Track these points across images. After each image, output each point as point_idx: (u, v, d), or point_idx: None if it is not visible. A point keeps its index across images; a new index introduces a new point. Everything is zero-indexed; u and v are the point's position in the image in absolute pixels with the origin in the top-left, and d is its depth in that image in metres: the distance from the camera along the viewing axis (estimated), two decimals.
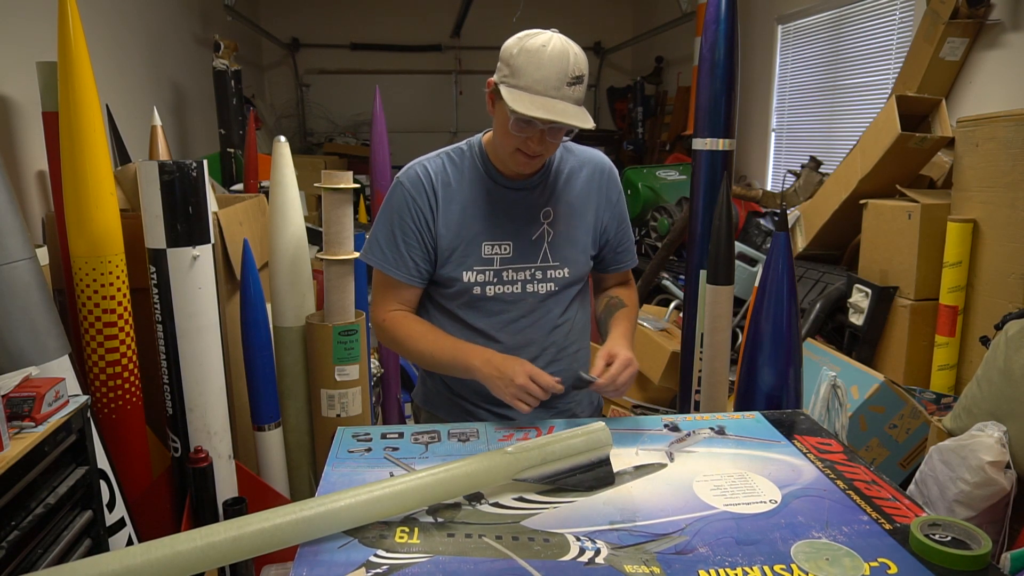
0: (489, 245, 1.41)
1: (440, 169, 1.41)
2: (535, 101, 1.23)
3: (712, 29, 2.08)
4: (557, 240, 1.44)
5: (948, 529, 0.96)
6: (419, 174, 1.40)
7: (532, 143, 1.29)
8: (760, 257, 3.38)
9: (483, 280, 1.41)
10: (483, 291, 1.42)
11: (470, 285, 1.41)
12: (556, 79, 1.23)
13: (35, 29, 2.47)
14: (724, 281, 1.91)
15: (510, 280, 1.42)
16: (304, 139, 7.27)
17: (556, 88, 1.23)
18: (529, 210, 1.42)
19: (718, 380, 1.94)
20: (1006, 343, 1.69)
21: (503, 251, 1.41)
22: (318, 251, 1.98)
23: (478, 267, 1.41)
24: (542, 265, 1.44)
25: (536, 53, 1.23)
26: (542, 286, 1.44)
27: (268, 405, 1.99)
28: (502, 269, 1.42)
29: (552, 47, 1.23)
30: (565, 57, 1.23)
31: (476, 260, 1.40)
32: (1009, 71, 2.79)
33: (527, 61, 1.23)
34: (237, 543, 0.94)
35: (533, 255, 1.43)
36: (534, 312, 1.45)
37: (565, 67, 1.23)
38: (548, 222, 1.43)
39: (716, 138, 2.13)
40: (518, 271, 1.43)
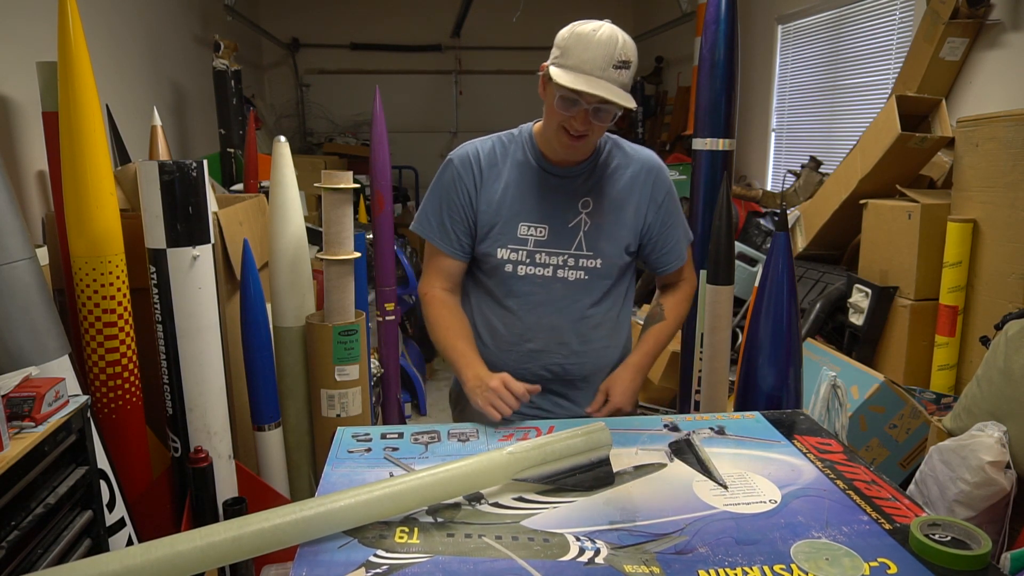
0: (526, 226, 1.47)
1: (489, 150, 1.50)
2: (579, 78, 1.29)
3: (712, 29, 2.08)
4: (593, 231, 1.48)
5: (948, 529, 0.96)
6: (468, 153, 1.50)
7: (576, 122, 1.34)
8: (760, 257, 3.38)
9: (516, 259, 1.48)
10: (515, 270, 1.48)
11: (503, 262, 1.48)
12: (603, 60, 1.29)
13: (35, 29, 2.47)
14: (724, 281, 1.91)
15: (542, 263, 1.48)
16: (304, 139, 7.26)
17: (602, 69, 1.29)
18: (569, 197, 1.47)
19: (718, 380, 1.94)
20: (1006, 343, 1.69)
21: (539, 233, 1.47)
22: (318, 251, 1.98)
23: (513, 246, 1.47)
24: (576, 253, 1.48)
25: (586, 36, 1.30)
26: (573, 273, 1.48)
27: (268, 405, 1.99)
28: (536, 251, 1.47)
29: (602, 32, 1.30)
30: (613, 41, 1.29)
31: (511, 239, 1.47)
32: (1009, 71, 2.79)
33: (576, 42, 1.31)
34: (237, 543, 0.94)
35: (567, 242, 1.47)
36: (563, 299, 1.49)
37: (612, 50, 1.29)
38: (586, 212, 1.48)
39: (716, 138, 2.13)
40: (551, 255, 1.48)
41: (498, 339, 1.53)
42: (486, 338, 1.55)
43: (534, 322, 1.50)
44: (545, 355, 1.51)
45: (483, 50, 7.14)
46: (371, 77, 6.66)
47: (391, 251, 2.83)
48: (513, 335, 1.52)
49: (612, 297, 1.54)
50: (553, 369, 1.52)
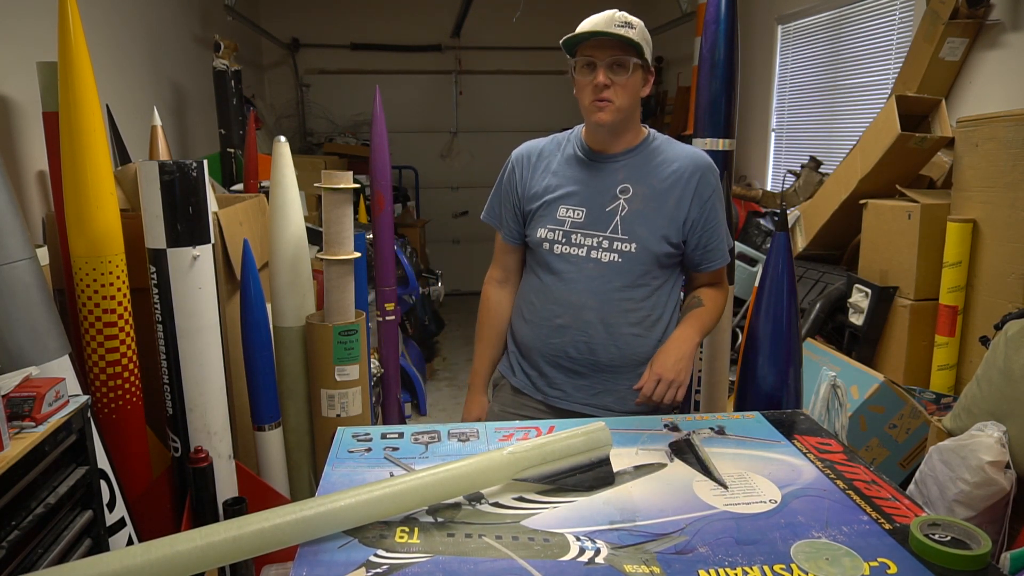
0: (565, 208, 1.57)
1: (544, 146, 1.66)
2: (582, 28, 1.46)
3: (712, 29, 2.07)
4: (631, 216, 1.53)
5: (948, 529, 0.96)
6: (524, 150, 1.67)
7: (599, 77, 1.46)
8: (760, 257, 3.38)
9: (552, 238, 1.57)
10: (551, 248, 1.57)
11: (541, 240, 1.58)
12: (605, 21, 1.45)
13: (35, 29, 2.47)
14: None
15: (577, 243, 1.56)
16: (304, 139, 7.26)
17: (605, 25, 1.44)
18: (608, 183, 1.56)
19: (718, 380, 1.94)
20: (1006, 343, 1.69)
21: (576, 216, 1.56)
22: (318, 251, 1.98)
23: (551, 225, 1.58)
24: (611, 235, 1.54)
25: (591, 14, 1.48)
26: (607, 255, 1.54)
27: (268, 405, 1.99)
28: (572, 232, 1.56)
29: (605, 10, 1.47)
30: (613, 12, 1.46)
31: (551, 220, 1.58)
32: (1009, 71, 2.79)
33: (583, 20, 1.49)
34: (237, 543, 0.94)
35: (604, 224, 1.54)
36: (595, 279, 1.54)
37: (613, 14, 1.45)
38: (625, 197, 1.55)
39: (716, 138, 2.13)
40: (587, 236, 1.55)
41: (533, 313, 1.62)
42: (525, 312, 1.65)
43: (563, 298, 1.56)
44: (571, 331, 1.56)
45: (483, 50, 7.13)
46: (371, 77, 6.65)
47: (391, 251, 2.82)
48: (545, 309, 1.59)
49: (648, 287, 1.56)
50: (578, 346, 1.56)
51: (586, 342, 1.55)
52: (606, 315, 1.54)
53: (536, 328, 1.61)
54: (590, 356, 1.56)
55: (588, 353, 1.56)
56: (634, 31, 1.45)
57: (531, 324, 1.63)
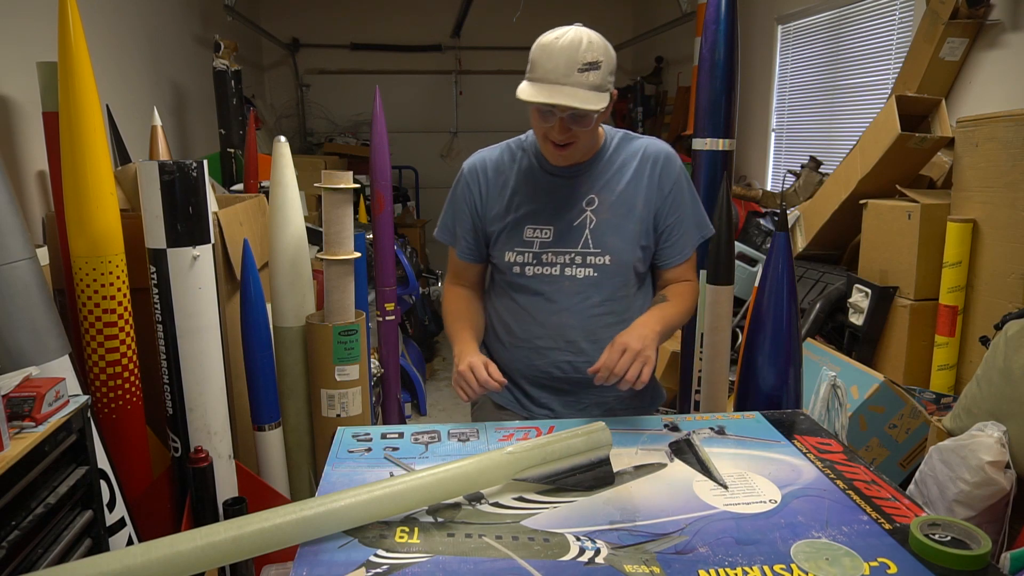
0: (531, 228, 1.49)
1: (497, 158, 1.54)
2: (543, 89, 1.29)
3: (712, 29, 2.07)
4: (600, 227, 1.47)
5: (948, 529, 0.96)
6: (476, 164, 1.55)
7: (554, 131, 1.35)
8: (760, 257, 3.38)
9: (522, 261, 1.50)
10: (523, 271, 1.50)
11: (510, 265, 1.51)
12: (565, 67, 1.28)
13: (35, 29, 2.47)
14: (724, 281, 1.91)
15: (549, 263, 1.49)
16: (304, 139, 7.26)
17: (565, 75, 1.28)
18: (572, 196, 1.48)
19: (718, 380, 1.94)
20: (1006, 343, 1.69)
21: (544, 235, 1.49)
22: (318, 251, 1.98)
23: (519, 248, 1.50)
24: (582, 251, 1.48)
25: (548, 45, 1.30)
26: (581, 271, 1.48)
27: (268, 405, 1.99)
28: (542, 252, 1.49)
29: (565, 38, 1.30)
30: (576, 44, 1.29)
31: (518, 242, 1.50)
32: (1009, 71, 2.79)
33: (540, 54, 1.31)
34: (237, 543, 0.94)
35: (574, 240, 1.48)
36: (572, 296, 1.49)
37: (574, 55, 1.28)
38: (591, 209, 1.48)
39: (716, 138, 2.13)
40: (558, 255, 1.48)
41: (512, 336, 1.55)
42: (502, 336, 1.58)
43: (543, 319, 1.50)
44: (554, 352, 1.51)
45: (483, 50, 7.13)
46: (371, 77, 6.65)
47: (391, 251, 2.82)
48: (524, 332, 1.53)
49: (627, 297, 1.51)
50: (562, 367, 1.51)
51: (570, 361, 1.51)
52: (590, 332, 1.49)
53: (516, 351, 1.54)
54: (575, 374, 1.51)
55: (573, 371, 1.51)
56: (598, 72, 1.30)
57: (511, 347, 1.56)
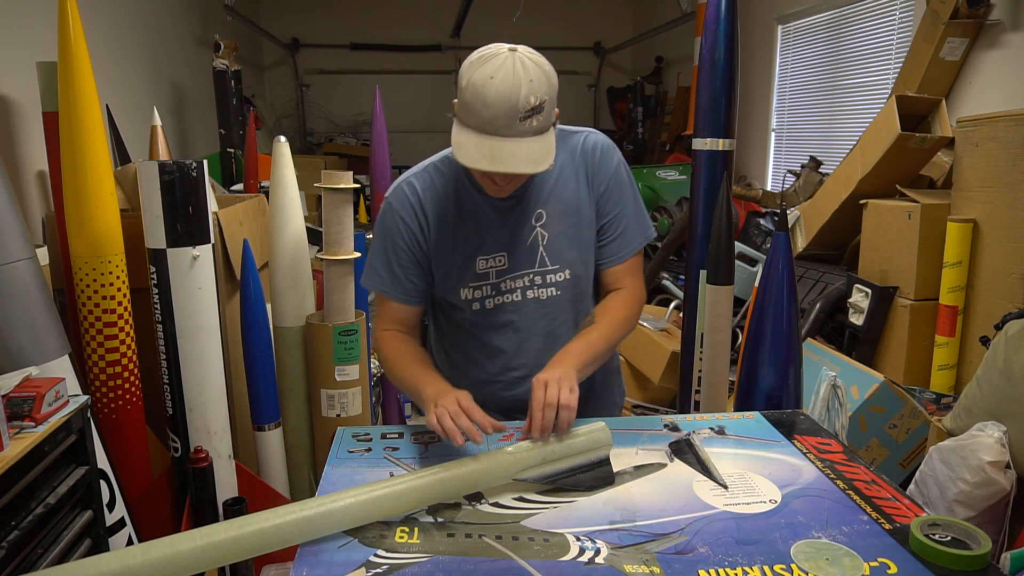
0: (483, 259, 1.35)
1: (428, 185, 1.35)
2: (483, 145, 1.13)
3: (712, 29, 2.07)
4: (553, 242, 1.36)
5: (948, 529, 0.96)
6: (407, 194, 1.35)
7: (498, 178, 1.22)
8: (760, 257, 3.38)
9: (481, 295, 1.37)
10: (483, 305, 1.38)
11: (469, 302, 1.37)
12: (505, 118, 1.12)
13: (35, 29, 2.47)
14: (724, 281, 1.91)
15: (509, 289, 1.37)
16: (304, 139, 7.27)
17: (506, 127, 1.12)
18: (520, 216, 1.34)
19: (718, 380, 1.94)
20: (1006, 343, 1.69)
21: (498, 263, 1.36)
22: (318, 251, 1.98)
23: (473, 283, 1.36)
24: (540, 270, 1.36)
25: (482, 89, 1.11)
26: (543, 291, 1.37)
27: (268, 405, 1.99)
28: (499, 281, 1.37)
29: (500, 79, 1.11)
30: (515, 92, 1.11)
31: (472, 277, 1.36)
32: (1009, 71, 2.79)
33: (474, 98, 1.12)
34: (237, 543, 0.94)
35: (529, 261, 1.36)
36: (539, 319, 1.39)
37: (515, 103, 1.11)
38: (541, 224, 1.35)
39: (716, 138, 2.13)
40: (516, 279, 1.37)
41: (481, 371, 1.43)
42: (468, 371, 1.45)
43: (515, 349, 1.40)
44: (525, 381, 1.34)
45: None
46: (371, 77, 6.66)
47: None
48: (497, 366, 1.42)
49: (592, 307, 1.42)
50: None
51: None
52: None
53: (490, 384, 1.42)
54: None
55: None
56: (541, 114, 1.14)
57: (482, 382, 1.42)
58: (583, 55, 7.59)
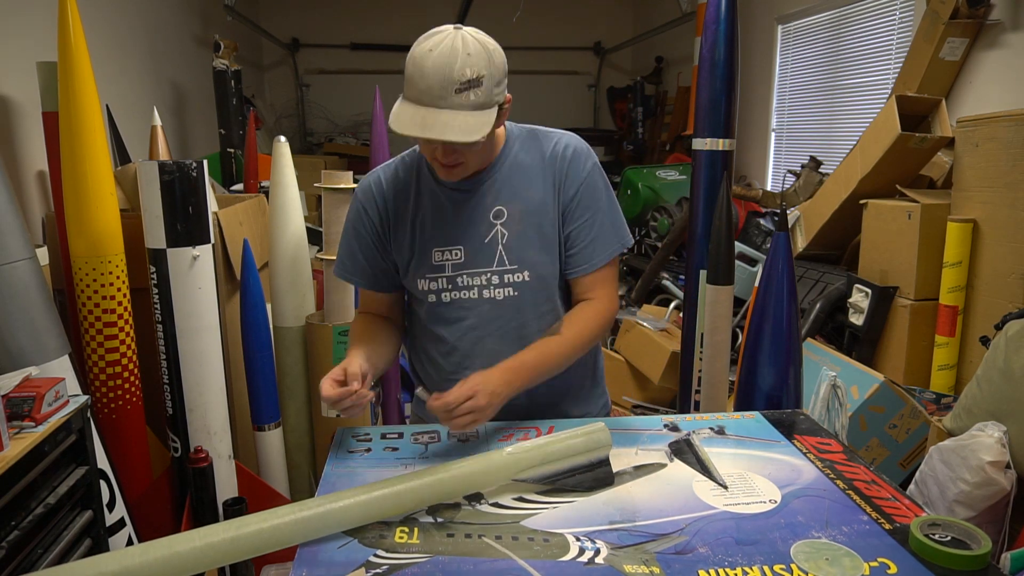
0: (439, 251, 1.33)
1: (391, 176, 1.37)
2: (416, 114, 1.14)
3: (712, 29, 2.08)
4: (513, 242, 1.32)
5: (948, 529, 0.96)
6: (371, 184, 1.38)
7: (438, 154, 1.22)
8: (760, 257, 3.38)
9: (437, 287, 1.35)
10: (439, 298, 1.35)
11: (425, 293, 1.36)
12: (439, 88, 1.12)
13: (35, 29, 2.47)
14: (724, 281, 1.91)
15: (465, 286, 1.34)
16: (304, 139, 7.26)
17: (441, 97, 1.13)
18: (478, 211, 1.32)
19: (718, 380, 1.94)
20: (1006, 343, 1.69)
21: (455, 256, 1.33)
22: (318, 251, 1.98)
23: (430, 275, 1.34)
24: (499, 269, 1.33)
25: (420, 60, 1.14)
26: (500, 291, 1.33)
27: (268, 405, 1.99)
28: (455, 275, 1.34)
29: (438, 52, 1.13)
30: (451, 62, 1.12)
31: (428, 268, 1.34)
32: (1009, 71, 2.79)
33: (413, 70, 1.15)
34: (236, 543, 0.94)
35: (487, 259, 1.33)
36: (495, 320, 1.35)
37: (449, 73, 1.12)
38: (501, 222, 1.32)
39: (716, 138, 2.13)
40: (473, 276, 1.34)
41: (439, 371, 1.41)
42: (430, 371, 1.43)
43: (469, 348, 1.36)
44: None
45: None
46: (371, 77, 6.64)
47: None
48: (451, 365, 1.38)
49: (554, 312, 1.38)
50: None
51: None
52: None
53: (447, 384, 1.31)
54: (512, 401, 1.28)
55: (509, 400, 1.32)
56: (480, 90, 1.14)
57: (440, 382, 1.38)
58: (583, 55, 7.59)
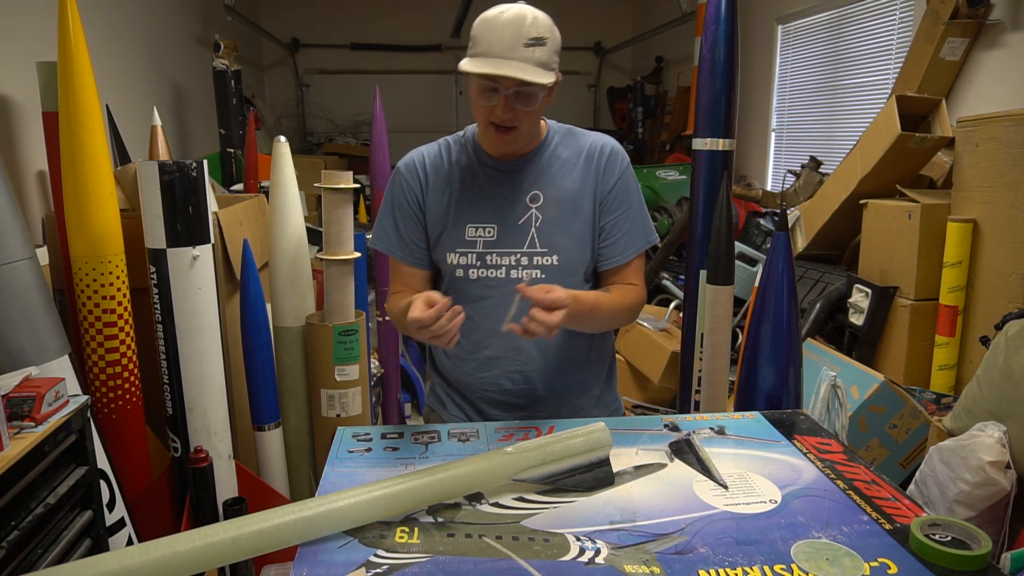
0: (473, 227, 1.40)
1: (435, 154, 1.45)
2: (488, 62, 1.23)
3: (712, 29, 2.08)
4: (546, 226, 1.39)
5: (948, 529, 0.96)
6: (414, 160, 1.45)
7: (499, 110, 1.28)
8: (760, 257, 3.38)
9: (466, 263, 1.40)
10: (466, 274, 1.41)
11: (453, 267, 1.41)
12: (511, 40, 1.23)
13: (35, 29, 2.47)
14: (724, 281, 1.91)
15: (494, 264, 1.39)
16: (304, 139, 7.26)
17: (511, 49, 1.23)
18: (515, 193, 1.40)
19: (718, 380, 1.94)
20: (1006, 343, 1.69)
21: (487, 234, 1.39)
22: (318, 251, 1.98)
23: (461, 249, 1.40)
24: (529, 251, 1.39)
25: (491, 20, 1.25)
26: (527, 273, 1.39)
27: (268, 405, 1.99)
28: (486, 252, 1.39)
29: (509, 13, 1.25)
30: (521, 20, 1.24)
31: (460, 242, 1.40)
32: (1009, 71, 2.79)
33: (482, 29, 1.26)
34: (236, 543, 0.94)
35: (519, 240, 1.39)
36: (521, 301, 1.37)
37: (520, 29, 1.23)
38: (536, 206, 1.39)
39: (716, 138, 2.13)
40: (503, 255, 1.39)
41: (458, 349, 1.44)
42: (446, 351, 1.47)
43: (490, 327, 1.39)
44: (503, 362, 1.42)
45: None
46: (371, 77, 6.66)
47: None
48: (470, 343, 1.43)
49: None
50: (513, 378, 1.43)
51: (520, 371, 1.43)
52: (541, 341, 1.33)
53: (462, 363, 1.46)
54: (526, 386, 1.43)
55: (524, 383, 1.44)
56: (544, 48, 1.25)
57: (455, 359, 1.47)
58: (583, 55, 7.59)
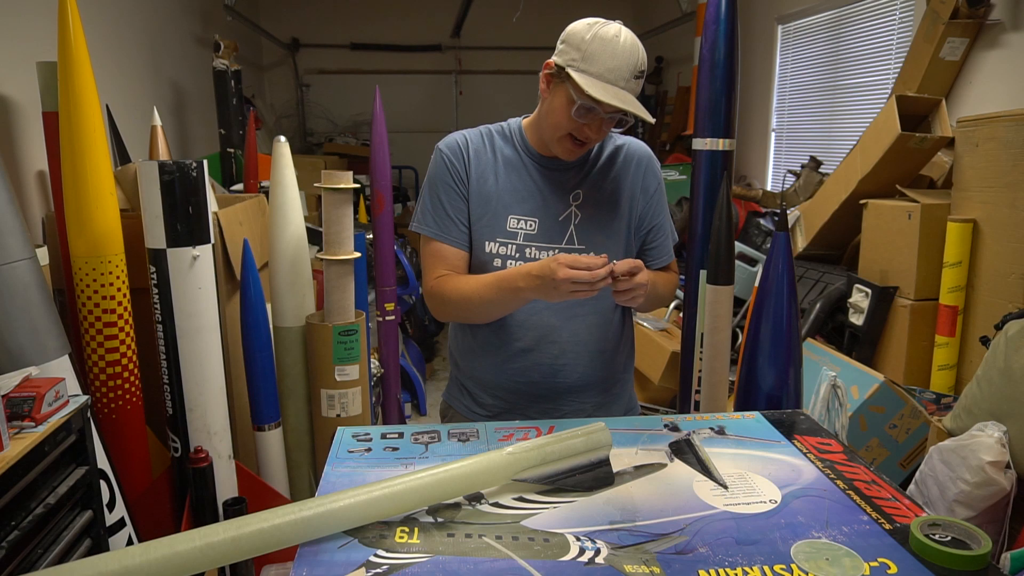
0: (515, 219, 1.42)
1: (477, 139, 1.45)
2: (607, 89, 1.26)
3: (712, 29, 2.07)
4: (585, 224, 1.43)
5: (948, 529, 0.96)
6: (457, 141, 1.45)
7: (589, 129, 1.32)
8: (760, 257, 3.38)
9: (505, 253, 1.41)
10: (504, 264, 1.41)
11: (491, 256, 1.41)
12: (627, 70, 1.27)
13: (35, 29, 2.47)
14: (724, 281, 1.91)
15: (532, 257, 1.41)
16: (304, 139, 7.26)
17: (626, 80, 1.27)
18: (558, 189, 1.43)
19: (718, 380, 1.94)
20: (1006, 343, 1.69)
21: (528, 227, 1.42)
22: (318, 251, 1.98)
23: (501, 239, 1.41)
24: (567, 247, 1.42)
25: (611, 42, 1.26)
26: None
27: (268, 405, 1.99)
28: (525, 245, 1.41)
29: (624, 39, 1.28)
30: (636, 50, 1.28)
31: (501, 232, 1.41)
32: (1009, 71, 2.79)
33: (602, 49, 1.26)
34: (236, 543, 0.94)
35: (558, 235, 1.42)
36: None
37: (635, 60, 1.28)
38: (577, 204, 1.43)
39: (716, 138, 2.13)
40: (541, 249, 1.42)
41: (485, 339, 1.47)
42: (472, 339, 1.50)
43: (523, 319, 1.43)
44: (534, 354, 1.45)
45: (483, 50, 7.14)
46: (371, 77, 6.66)
47: (391, 251, 2.83)
48: (502, 334, 1.45)
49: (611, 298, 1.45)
50: (542, 370, 1.46)
51: (551, 364, 1.45)
52: (573, 332, 1.43)
53: (491, 356, 1.47)
54: (553, 379, 1.46)
55: (551, 376, 1.46)
56: (643, 80, 1.33)
57: (485, 352, 1.47)
58: None
